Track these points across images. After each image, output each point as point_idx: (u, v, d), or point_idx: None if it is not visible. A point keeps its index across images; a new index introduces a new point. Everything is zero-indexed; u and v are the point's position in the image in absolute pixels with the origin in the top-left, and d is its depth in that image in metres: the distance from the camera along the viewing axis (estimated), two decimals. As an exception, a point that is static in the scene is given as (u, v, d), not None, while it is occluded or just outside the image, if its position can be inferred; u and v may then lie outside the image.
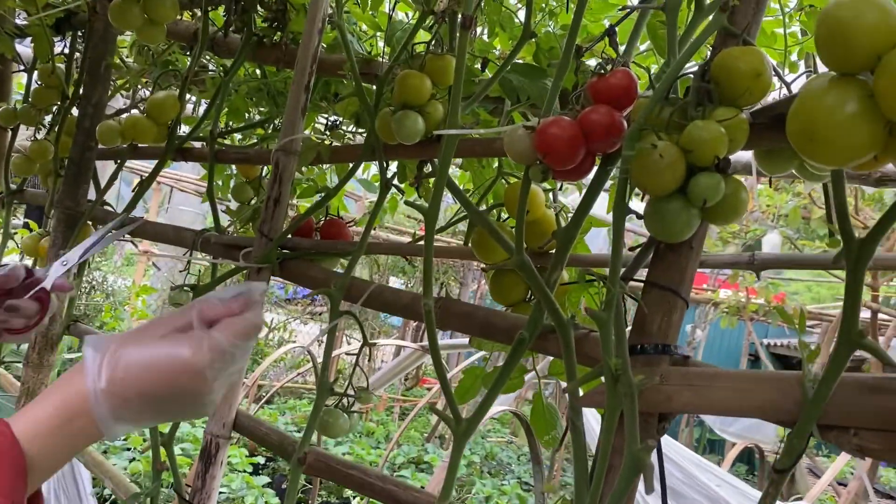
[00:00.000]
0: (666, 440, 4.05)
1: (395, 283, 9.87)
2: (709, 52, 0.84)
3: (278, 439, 1.19)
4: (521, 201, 0.92)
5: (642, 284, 0.81)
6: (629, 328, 0.80)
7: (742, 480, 7.04)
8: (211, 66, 2.04)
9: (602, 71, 0.87)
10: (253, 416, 1.27)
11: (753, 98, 0.75)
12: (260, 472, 5.00)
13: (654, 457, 0.77)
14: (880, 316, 5.79)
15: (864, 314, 6.47)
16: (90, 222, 1.83)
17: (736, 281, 7.31)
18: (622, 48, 1.05)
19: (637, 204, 0.80)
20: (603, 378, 0.72)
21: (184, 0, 1.65)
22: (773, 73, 0.77)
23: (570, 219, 0.92)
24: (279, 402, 7.26)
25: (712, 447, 9.88)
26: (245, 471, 4.68)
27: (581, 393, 0.78)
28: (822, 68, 0.58)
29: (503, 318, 0.97)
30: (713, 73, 0.77)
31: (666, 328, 0.78)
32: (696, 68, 0.81)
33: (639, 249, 0.84)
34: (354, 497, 4.91)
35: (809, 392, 0.66)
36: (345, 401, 1.09)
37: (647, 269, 0.82)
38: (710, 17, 0.81)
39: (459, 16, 0.87)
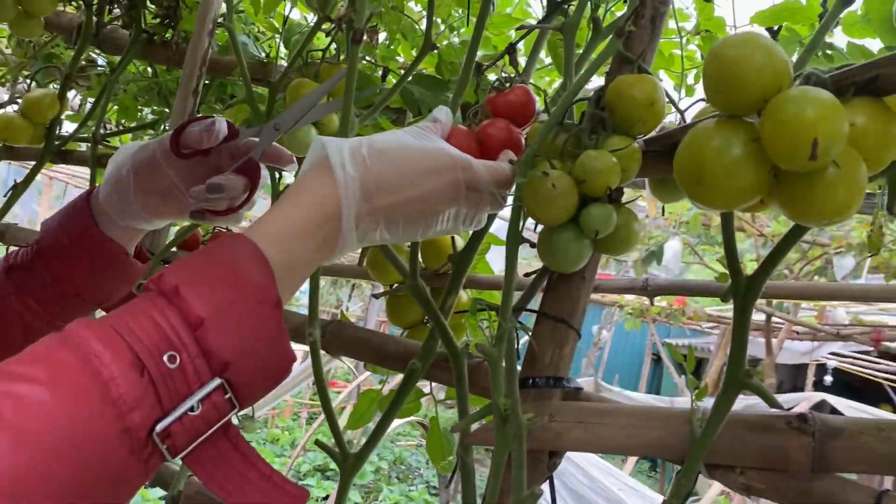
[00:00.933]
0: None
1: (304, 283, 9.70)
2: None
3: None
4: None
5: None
6: (521, 360, 0.78)
7: (644, 480, 7.26)
8: (101, 62, 1.92)
9: (500, 87, 0.84)
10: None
11: (647, 127, 0.74)
12: (155, 484, 4.79)
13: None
14: (773, 319, 6.08)
15: (759, 317, 6.79)
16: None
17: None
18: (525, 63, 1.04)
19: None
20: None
21: (64, -9, 1.54)
22: (668, 100, 0.75)
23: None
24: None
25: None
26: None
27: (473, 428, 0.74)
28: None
29: (397, 345, 0.93)
30: (607, 100, 0.75)
31: (557, 360, 0.75)
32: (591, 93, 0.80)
33: (533, 277, 0.82)
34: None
35: (697, 431, 0.65)
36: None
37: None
38: (607, 42, 0.79)
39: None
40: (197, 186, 0.71)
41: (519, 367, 0.78)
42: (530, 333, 0.76)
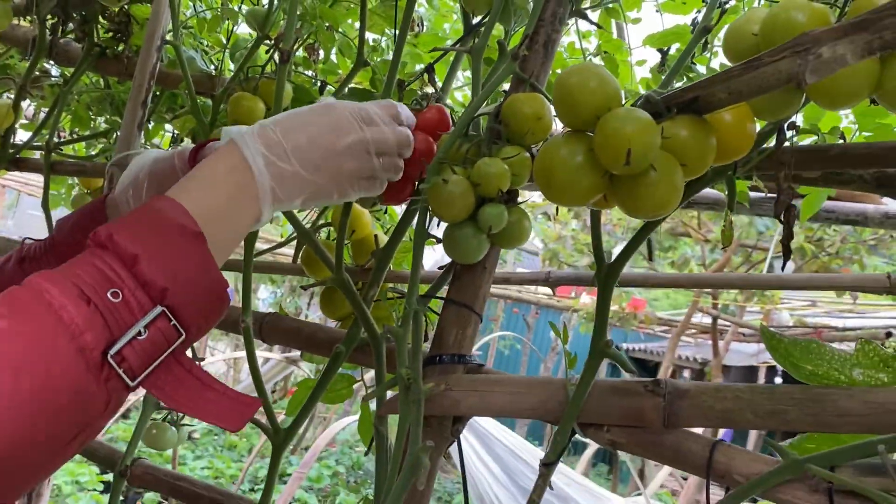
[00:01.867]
0: (521, 443, 4.25)
1: (265, 291, 9.71)
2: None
3: (107, 453, 1.20)
4: (341, 222, 0.99)
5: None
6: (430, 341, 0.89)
7: (602, 483, 7.42)
8: (54, 72, 1.99)
9: (418, 106, 0.95)
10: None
11: (535, 138, 0.85)
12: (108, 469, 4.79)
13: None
14: (719, 322, 6.31)
15: (706, 320, 7.01)
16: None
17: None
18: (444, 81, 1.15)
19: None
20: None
21: (19, 6, 1.61)
22: (553, 115, 0.87)
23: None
24: (135, 417, 6.97)
25: (576, 449, 10.35)
26: (95, 489, 4.47)
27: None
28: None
29: (325, 333, 1.03)
30: (503, 115, 0.87)
31: (461, 340, 0.87)
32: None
33: (443, 270, 0.93)
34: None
35: (570, 394, 0.76)
36: (174, 414, 1.12)
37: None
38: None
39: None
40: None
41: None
42: (434, 312, 0.87)
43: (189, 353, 0.64)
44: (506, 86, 0.98)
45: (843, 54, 0.49)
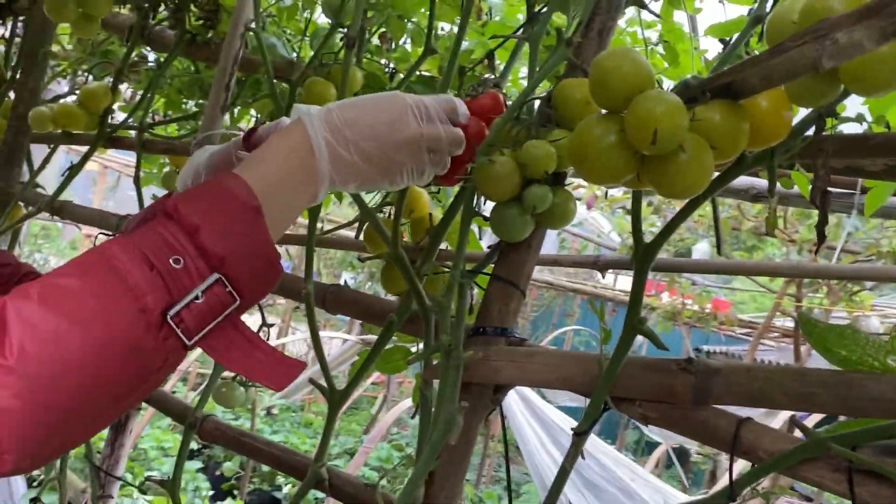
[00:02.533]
0: (591, 439, 4.24)
1: (346, 276, 9.95)
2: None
3: (181, 409, 1.30)
4: (398, 203, 1.04)
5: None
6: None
7: (670, 482, 7.29)
8: (151, 57, 2.13)
9: (474, 92, 1.00)
10: (161, 391, 1.38)
11: (594, 97, 0.88)
12: (194, 457, 5.05)
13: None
14: (802, 326, 6.08)
15: (789, 323, 6.78)
16: (21, 203, 1.90)
17: (673, 287, 7.59)
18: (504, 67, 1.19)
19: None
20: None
21: (119, -5, 1.74)
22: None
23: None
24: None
25: (650, 449, 10.19)
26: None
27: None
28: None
29: (381, 304, 1.09)
30: (554, 99, 0.90)
31: (504, 314, 0.91)
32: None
33: (490, 248, 0.97)
34: (286, 484, 5.00)
35: (603, 368, 0.79)
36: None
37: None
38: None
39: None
40: (241, 152, 0.87)
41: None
42: (481, 288, 0.92)
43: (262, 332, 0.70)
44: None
45: (860, 40, 0.50)
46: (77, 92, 2.02)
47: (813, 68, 0.54)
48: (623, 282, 9.34)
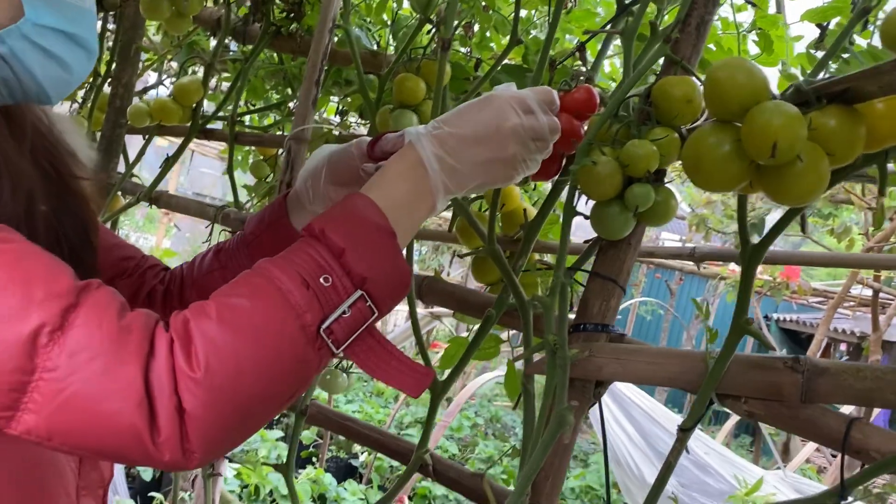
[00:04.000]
0: (659, 408, 4.24)
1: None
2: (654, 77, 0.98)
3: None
4: (493, 197, 1.07)
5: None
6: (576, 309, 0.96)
7: (739, 451, 7.21)
8: (233, 47, 2.19)
9: (567, 87, 1.01)
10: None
11: (685, 120, 0.89)
12: (274, 426, 5.25)
13: (596, 418, 0.93)
14: (882, 295, 5.89)
15: (867, 292, 6.56)
16: (119, 193, 1.99)
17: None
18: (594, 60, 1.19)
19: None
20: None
21: (207, -9, 1.80)
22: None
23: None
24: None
25: (717, 419, 10.08)
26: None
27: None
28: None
29: (476, 297, 1.13)
30: (653, 97, 0.91)
31: (605, 311, 0.93)
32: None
33: (588, 244, 0.99)
34: (362, 452, 5.15)
35: (709, 367, 0.81)
36: (344, 362, 1.26)
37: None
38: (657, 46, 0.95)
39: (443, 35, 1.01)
40: (370, 164, 0.93)
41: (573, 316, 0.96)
42: (580, 284, 0.94)
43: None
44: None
45: None
46: (167, 84, 2.10)
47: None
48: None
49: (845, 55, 0.92)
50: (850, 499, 0.74)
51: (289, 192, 1.01)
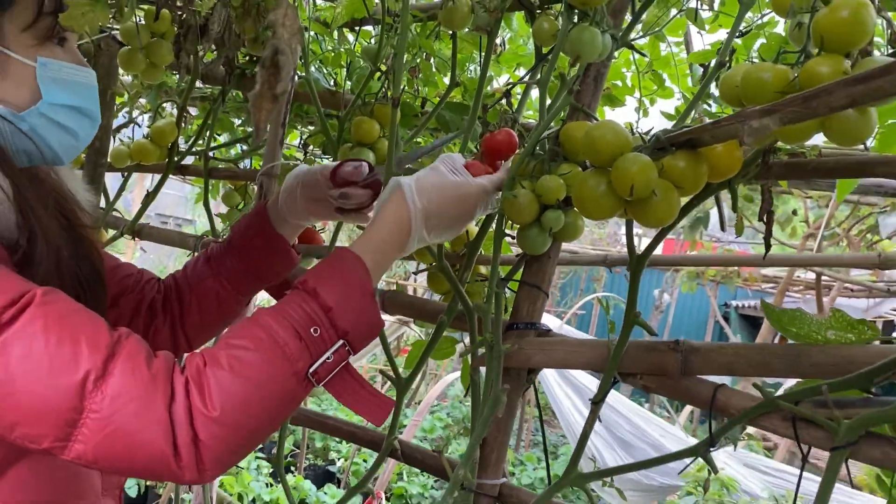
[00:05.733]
0: (619, 398, 4.49)
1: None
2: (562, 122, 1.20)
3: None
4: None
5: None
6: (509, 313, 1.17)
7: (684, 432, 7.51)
8: (199, 83, 2.37)
9: (490, 129, 1.23)
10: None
11: (586, 157, 1.11)
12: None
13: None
14: (824, 278, 6.25)
15: (809, 276, 6.92)
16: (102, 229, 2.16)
17: (695, 248, 7.75)
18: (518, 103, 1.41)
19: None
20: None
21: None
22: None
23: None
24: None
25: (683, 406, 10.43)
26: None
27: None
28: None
29: (432, 306, 1.34)
30: (561, 138, 1.13)
31: (532, 311, 1.15)
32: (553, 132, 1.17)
33: (517, 259, 1.21)
34: (338, 459, 5.33)
35: (611, 352, 1.03)
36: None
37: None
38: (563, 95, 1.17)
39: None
40: (334, 190, 1.12)
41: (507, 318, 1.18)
42: (513, 291, 1.16)
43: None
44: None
45: (767, 124, 0.73)
46: (139, 122, 2.28)
47: (740, 139, 0.77)
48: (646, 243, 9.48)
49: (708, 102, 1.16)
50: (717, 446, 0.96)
51: (265, 202, 1.20)
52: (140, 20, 1.84)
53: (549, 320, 4.12)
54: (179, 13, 1.91)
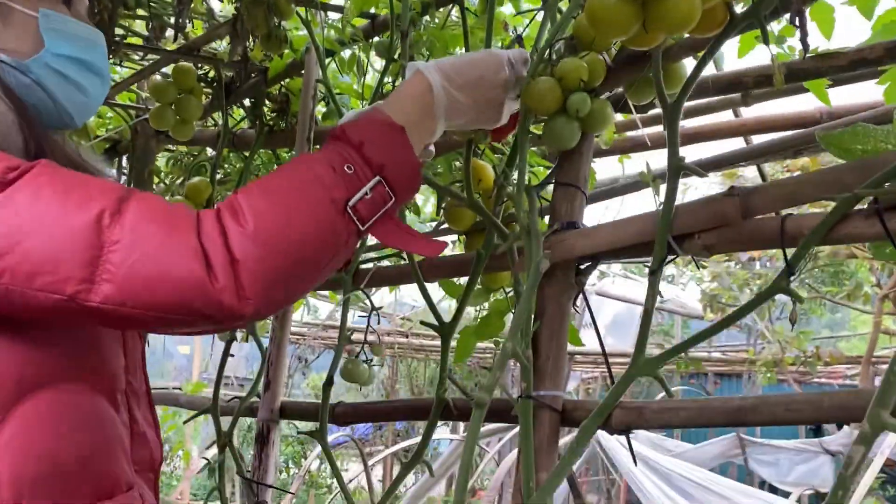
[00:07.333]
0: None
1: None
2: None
3: (315, 409, 1.45)
4: (465, 160, 1.23)
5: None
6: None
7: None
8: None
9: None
10: (294, 401, 1.54)
11: (598, 48, 1.06)
12: None
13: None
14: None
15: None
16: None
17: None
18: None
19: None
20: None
21: (206, 105, 2.06)
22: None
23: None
24: None
25: None
26: None
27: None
28: None
29: (465, 258, 1.26)
30: (574, 32, 1.09)
31: (570, 211, 1.07)
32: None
33: (550, 170, 1.14)
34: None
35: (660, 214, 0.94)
36: (365, 354, 1.37)
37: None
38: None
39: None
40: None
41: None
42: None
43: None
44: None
45: None
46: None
47: None
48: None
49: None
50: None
51: None
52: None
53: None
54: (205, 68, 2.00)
